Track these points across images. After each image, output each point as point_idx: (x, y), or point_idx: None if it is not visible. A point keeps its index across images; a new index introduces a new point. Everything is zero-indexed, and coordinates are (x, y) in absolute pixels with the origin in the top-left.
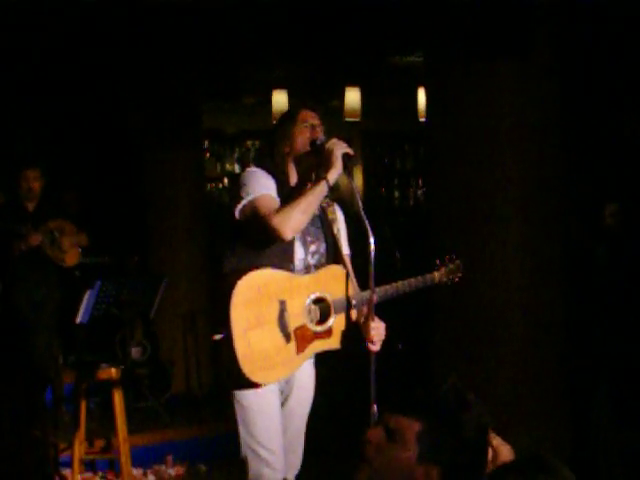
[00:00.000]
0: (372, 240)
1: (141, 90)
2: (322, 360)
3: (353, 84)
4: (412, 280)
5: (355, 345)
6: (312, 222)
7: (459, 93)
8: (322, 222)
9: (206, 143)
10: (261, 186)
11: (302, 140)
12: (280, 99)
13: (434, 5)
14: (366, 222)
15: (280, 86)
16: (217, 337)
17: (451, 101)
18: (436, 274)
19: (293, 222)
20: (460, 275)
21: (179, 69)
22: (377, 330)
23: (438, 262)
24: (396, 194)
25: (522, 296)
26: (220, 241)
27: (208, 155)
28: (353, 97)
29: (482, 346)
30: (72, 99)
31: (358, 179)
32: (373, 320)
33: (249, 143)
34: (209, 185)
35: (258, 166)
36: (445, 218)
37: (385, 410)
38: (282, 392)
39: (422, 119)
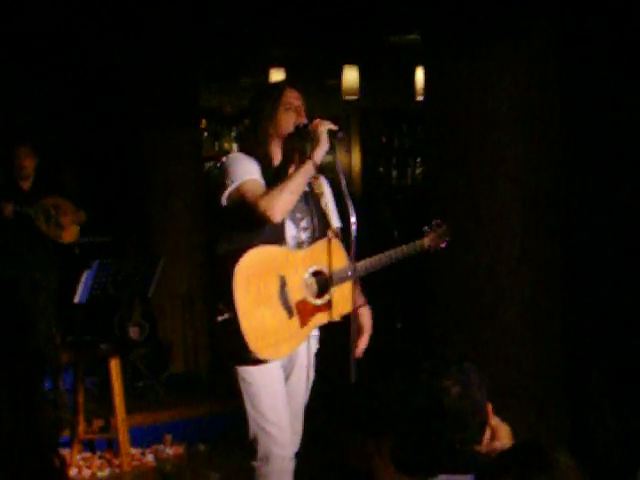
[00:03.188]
0: (354, 219)
1: (138, 69)
2: None
3: (351, 62)
4: (403, 247)
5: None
6: (300, 198)
7: (458, 72)
8: (310, 197)
9: (204, 122)
10: (245, 171)
11: (287, 123)
12: (278, 78)
13: None
14: (349, 200)
15: (278, 65)
16: (221, 318)
17: (449, 80)
18: (425, 240)
19: (282, 204)
20: (447, 239)
21: (176, 48)
22: (363, 342)
23: (426, 228)
24: (394, 173)
25: (521, 275)
26: (211, 225)
27: (206, 134)
28: (351, 76)
29: (481, 327)
30: (69, 77)
31: (356, 158)
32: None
33: (247, 122)
34: (207, 164)
35: (241, 149)
36: (443, 197)
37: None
38: (284, 368)
39: (420, 98)
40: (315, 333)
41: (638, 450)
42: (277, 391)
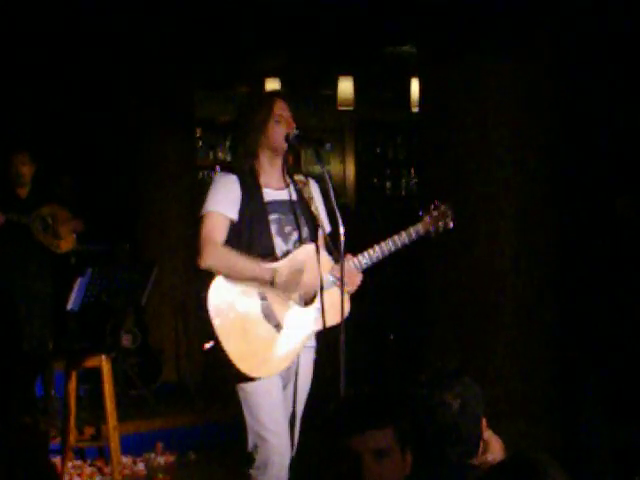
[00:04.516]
0: (342, 230)
1: (134, 78)
2: None
3: (346, 73)
4: (397, 236)
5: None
6: (289, 209)
7: (452, 84)
8: (299, 205)
9: (198, 131)
10: (217, 200)
11: (277, 135)
12: (273, 88)
13: None
14: (337, 211)
15: (273, 75)
16: (208, 346)
17: (444, 92)
18: (421, 225)
19: (216, 264)
20: (451, 220)
21: (172, 58)
22: (348, 274)
23: (421, 213)
24: (388, 184)
25: (514, 280)
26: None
27: (200, 143)
28: (346, 86)
29: (474, 336)
30: (66, 86)
31: (350, 168)
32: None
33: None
34: (201, 173)
35: (231, 162)
36: None
37: (351, 436)
38: (282, 378)
39: (415, 109)
40: (312, 344)
41: (631, 461)
42: (275, 400)
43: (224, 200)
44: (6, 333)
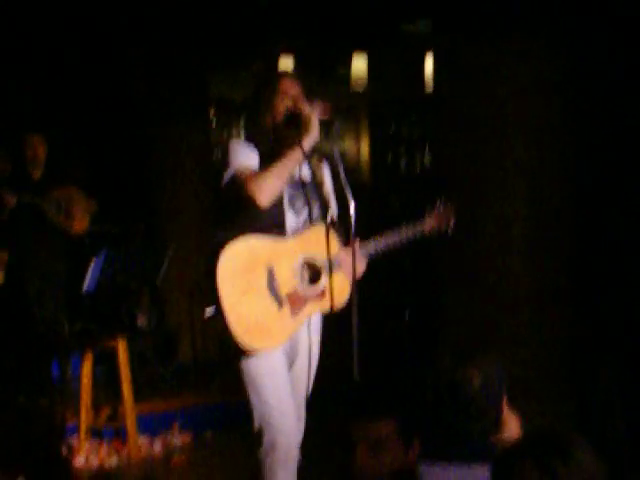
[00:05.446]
0: (352, 207)
1: (147, 59)
2: None
3: (360, 51)
4: (402, 229)
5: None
6: (302, 187)
7: (468, 63)
8: (313, 186)
9: (212, 111)
10: (242, 158)
11: (283, 111)
12: (287, 66)
13: None
14: (347, 188)
15: (286, 53)
16: (208, 313)
17: (459, 69)
18: (426, 222)
19: (267, 187)
20: (452, 221)
21: (184, 38)
22: (344, 259)
23: (427, 209)
24: (403, 162)
25: (531, 268)
26: (211, 215)
27: (214, 123)
28: (360, 65)
29: (491, 327)
30: (79, 67)
31: (364, 147)
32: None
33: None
34: (215, 152)
35: (245, 137)
36: (452, 185)
37: (356, 422)
38: (287, 356)
39: (429, 88)
40: (317, 323)
41: None
42: (280, 380)
43: (248, 158)
44: (20, 314)
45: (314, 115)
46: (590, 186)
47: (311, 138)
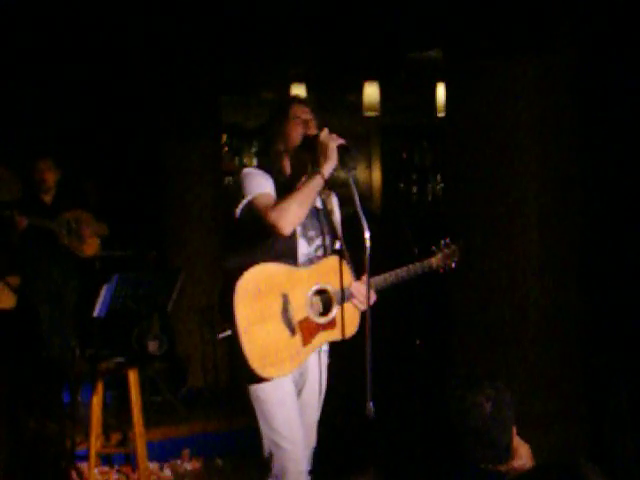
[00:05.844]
0: (367, 235)
1: (160, 83)
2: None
3: (372, 79)
4: (410, 267)
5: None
6: (314, 215)
7: (478, 88)
8: (323, 214)
9: (224, 137)
10: (258, 185)
11: (296, 136)
12: (299, 94)
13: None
14: (362, 217)
15: (299, 81)
16: (222, 335)
17: (470, 96)
18: (433, 260)
19: (290, 216)
20: (457, 260)
21: (198, 63)
22: (357, 290)
23: (434, 248)
24: (414, 189)
25: (541, 292)
26: (224, 239)
27: (226, 149)
28: (372, 92)
29: (501, 345)
30: (91, 91)
31: (376, 174)
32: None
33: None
34: (227, 179)
35: (257, 165)
36: (463, 213)
37: None
38: (296, 384)
39: (440, 114)
40: (325, 348)
41: None
42: (290, 407)
43: (264, 184)
44: (31, 338)
45: (332, 142)
46: (602, 210)
47: (330, 165)
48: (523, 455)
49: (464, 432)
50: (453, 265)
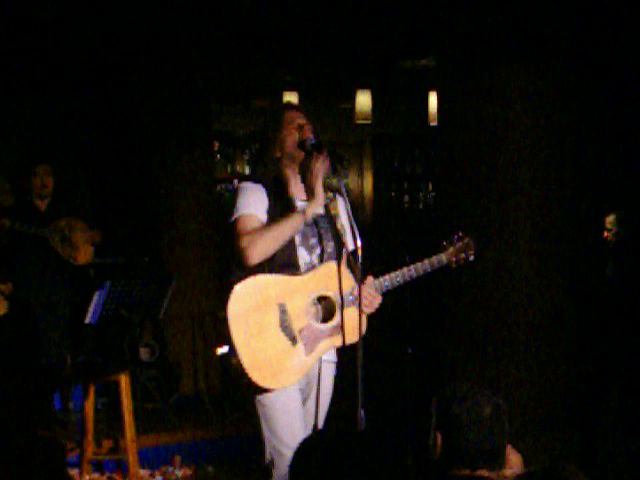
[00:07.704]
0: (359, 243)
1: (152, 91)
2: None
3: (364, 87)
4: (419, 264)
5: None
6: (314, 223)
7: (471, 97)
8: (325, 220)
9: (216, 145)
10: (245, 205)
11: (292, 142)
12: (290, 101)
13: (446, 9)
14: (354, 224)
15: (291, 89)
16: (221, 351)
17: (463, 105)
18: (443, 255)
19: (260, 247)
20: (473, 253)
21: (190, 71)
22: (368, 296)
23: (445, 243)
24: (406, 198)
25: (532, 301)
26: (228, 254)
27: (218, 157)
28: (364, 100)
29: (490, 352)
30: (83, 98)
31: (368, 182)
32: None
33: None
34: (219, 186)
35: (253, 177)
36: (455, 222)
37: None
38: (302, 392)
39: (433, 123)
40: (333, 359)
41: None
42: (294, 414)
43: (254, 203)
44: (23, 345)
45: (319, 183)
46: (595, 216)
47: (315, 207)
48: (514, 464)
49: (464, 432)
50: (471, 258)
